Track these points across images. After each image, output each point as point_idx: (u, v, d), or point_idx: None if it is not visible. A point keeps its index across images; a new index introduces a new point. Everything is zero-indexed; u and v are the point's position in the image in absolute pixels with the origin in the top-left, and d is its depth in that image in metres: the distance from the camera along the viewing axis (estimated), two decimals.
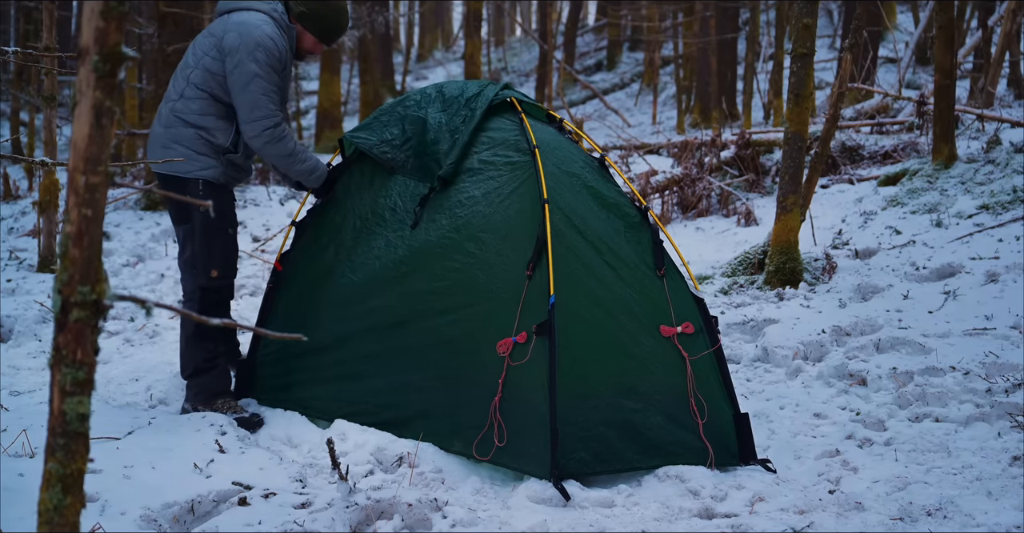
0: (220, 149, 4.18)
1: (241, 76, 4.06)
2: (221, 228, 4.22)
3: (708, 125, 15.26)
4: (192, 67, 4.19)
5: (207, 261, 4.20)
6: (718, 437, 3.73)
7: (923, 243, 6.48)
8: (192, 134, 4.15)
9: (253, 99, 4.07)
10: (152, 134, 4.26)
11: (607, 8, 24.77)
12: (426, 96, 4.35)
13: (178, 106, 4.17)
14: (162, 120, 4.22)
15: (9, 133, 14.39)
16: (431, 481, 3.60)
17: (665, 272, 3.92)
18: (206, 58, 4.16)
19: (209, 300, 4.25)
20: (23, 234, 8.61)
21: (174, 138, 4.16)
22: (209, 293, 4.24)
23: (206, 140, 4.16)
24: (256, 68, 4.06)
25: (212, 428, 3.88)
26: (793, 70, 6.08)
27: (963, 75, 13.60)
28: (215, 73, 4.13)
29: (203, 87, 4.15)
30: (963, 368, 4.43)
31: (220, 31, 4.15)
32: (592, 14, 31.41)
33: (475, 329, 3.81)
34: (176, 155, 4.13)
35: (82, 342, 1.63)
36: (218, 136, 4.17)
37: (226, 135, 4.18)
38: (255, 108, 4.08)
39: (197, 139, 4.15)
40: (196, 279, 4.22)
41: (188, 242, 4.24)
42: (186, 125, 4.16)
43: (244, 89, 4.06)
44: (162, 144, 4.19)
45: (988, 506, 3.22)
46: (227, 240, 4.25)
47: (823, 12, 21.51)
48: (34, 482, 1.83)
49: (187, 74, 4.19)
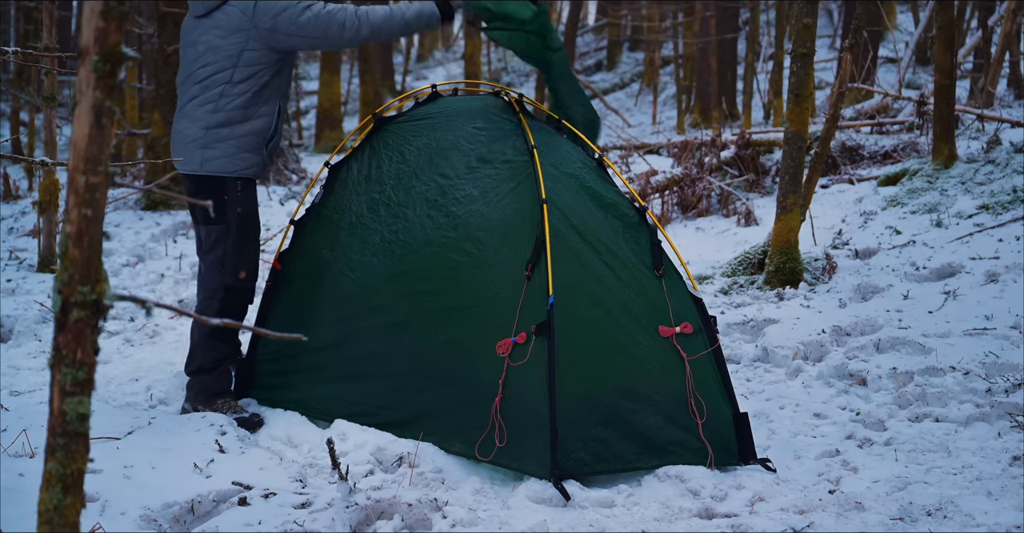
0: (266, 138, 4.21)
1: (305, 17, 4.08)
2: (252, 231, 4.25)
3: (708, 125, 15.27)
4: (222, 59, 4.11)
5: (237, 262, 4.21)
6: (718, 437, 3.73)
7: (923, 243, 6.48)
8: (241, 132, 4.15)
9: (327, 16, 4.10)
10: (181, 134, 4.19)
11: (607, 8, 24.77)
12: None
13: (221, 103, 4.12)
14: (197, 121, 4.14)
15: (9, 133, 14.39)
16: (431, 481, 3.60)
17: (664, 272, 3.92)
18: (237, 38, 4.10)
19: (232, 300, 4.26)
20: (23, 234, 8.61)
21: (219, 137, 4.13)
22: (233, 293, 4.25)
23: (253, 135, 4.17)
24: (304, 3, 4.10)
25: (212, 428, 3.88)
26: (793, 70, 6.08)
27: (963, 75, 13.60)
28: (258, 48, 4.11)
29: (240, 79, 4.12)
30: (963, 368, 4.43)
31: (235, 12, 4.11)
32: (592, 14, 31.40)
33: (475, 329, 3.80)
34: (218, 155, 4.13)
35: (82, 342, 1.63)
36: (261, 124, 4.18)
37: (270, 120, 4.21)
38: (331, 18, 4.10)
39: (245, 136, 4.15)
40: (224, 278, 4.22)
41: (220, 243, 4.22)
42: (235, 123, 4.14)
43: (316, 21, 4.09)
44: (203, 145, 4.13)
45: (988, 506, 3.22)
46: (256, 243, 4.30)
47: (823, 12, 21.51)
48: (34, 482, 1.83)
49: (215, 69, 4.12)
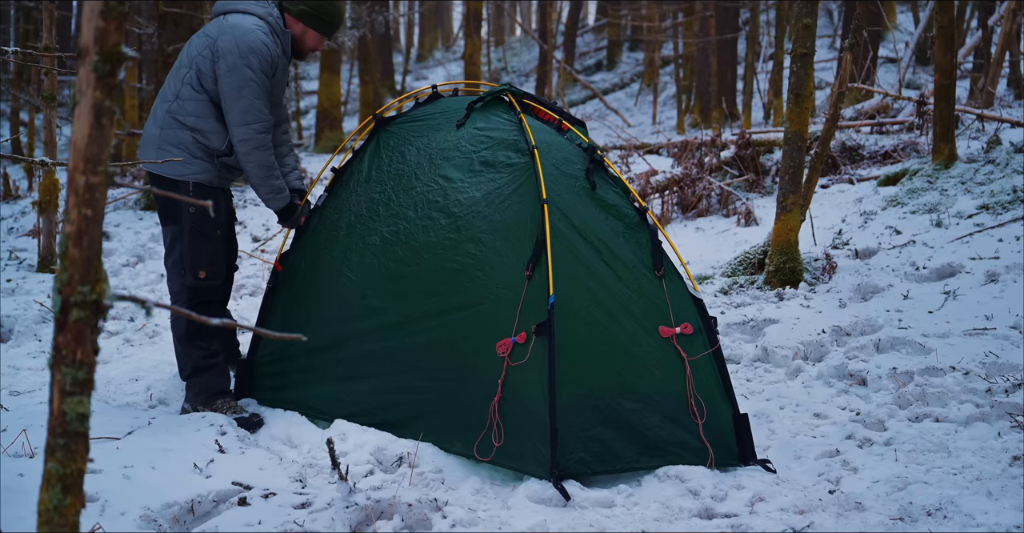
0: (214, 152, 4.18)
1: (235, 80, 4.07)
2: (209, 230, 4.22)
3: (708, 125, 15.27)
4: (187, 67, 4.19)
5: (195, 262, 4.20)
6: (718, 437, 3.73)
7: (923, 243, 6.48)
8: (188, 137, 4.15)
9: (248, 103, 4.09)
10: (146, 132, 4.27)
11: (607, 8, 24.77)
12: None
13: (174, 107, 4.17)
14: (157, 121, 4.21)
15: (9, 133, 14.39)
16: (431, 481, 3.60)
17: (664, 273, 3.92)
18: (199, 58, 4.16)
19: (199, 299, 4.26)
20: (23, 234, 8.61)
21: (169, 140, 4.16)
22: (196, 292, 4.25)
23: (201, 143, 4.16)
24: (250, 73, 4.08)
25: (212, 428, 3.88)
26: (793, 70, 6.08)
27: (963, 75, 13.61)
28: (208, 74, 4.14)
29: (198, 88, 4.15)
30: (963, 368, 4.43)
31: (215, 33, 4.16)
32: (592, 14, 31.41)
33: (475, 329, 3.80)
34: (169, 157, 4.12)
35: (82, 342, 1.63)
36: (213, 139, 4.16)
37: (221, 137, 4.18)
38: (248, 111, 4.10)
39: (192, 143, 4.15)
40: (183, 279, 4.23)
41: (176, 243, 4.23)
42: (182, 127, 4.16)
43: (239, 93, 4.08)
44: (157, 145, 4.18)
45: (988, 506, 3.22)
46: (215, 242, 4.25)
47: (823, 12, 21.52)
48: (34, 482, 1.83)
49: (182, 75, 4.19)
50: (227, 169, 4.28)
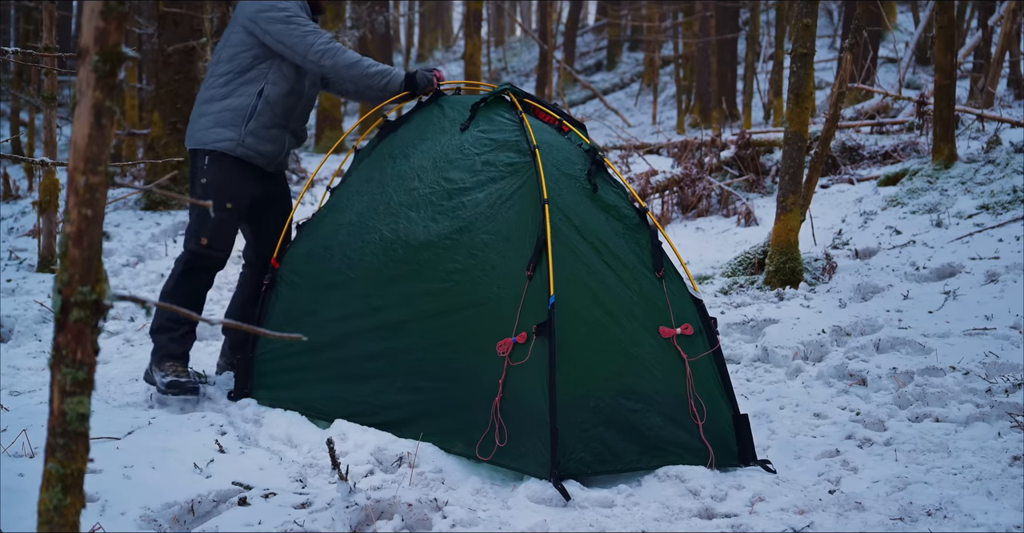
0: (243, 116, 4.37)
1: (280, 24, 4.31)
2: (222, 202, 4.37)
3: (708, 125, 15.27)
4: (222, 47, 4.45)
5: (199, 228, 4.38)
6: (718, 437, 3.73)
7: (923, 243, 6.48)
8: (217, 107, 4.38)
9: (302, 32, 4.31)
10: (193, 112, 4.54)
11: (607, 8, 24.77)
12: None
13: (208, 82, 4.44)
14: (197, 99, 4.50)
15: (9, 133, 14.39)
16: (431, 481, 3.59)
17: (664, 273, 3.92)
18: (232, 35, 4.41)
19: (194, 264, 4.41)
20: (23, 234, 8.61)
21: (201, 113, 4.42)
22: (196, 258, 4.40)
23: (230, 111, 4.37)
24: (288, 13, 4.32)
25: (212, 428, 3.88)
26: (793, 70, 6.08)
27: (963, 75, 13.60)
28: (239, 44, 4.37)
29: (230, 58, 4.39)
30: (963, 368, 4.43)
31: (240, 9, 4.42)
32: (592, 14, 31.41)
33: (475, 329, 3.80)
34: (197, 129, 4.40)
35: (82, 342, 1.63)
36: (239, 102, 4.37)
37: (249, 99, 4.38)
38: (306, 36, 4.31)
39: (221, 111, 4.37)
40: (187, 243, 4.41)
41: (194, 208, 4.44)
42: (212, 100, 4.40)
43: (289, 32, 4.30)
44: (193, 120, 4.47)
45: (988, 506, 3.22)
46: (223, 213, 4.39)
47: (823, 12, 21.51)
48: (34, 482, 1.83)
49: (218, 56, 4.46)
50: (255, 138, 4.40)
